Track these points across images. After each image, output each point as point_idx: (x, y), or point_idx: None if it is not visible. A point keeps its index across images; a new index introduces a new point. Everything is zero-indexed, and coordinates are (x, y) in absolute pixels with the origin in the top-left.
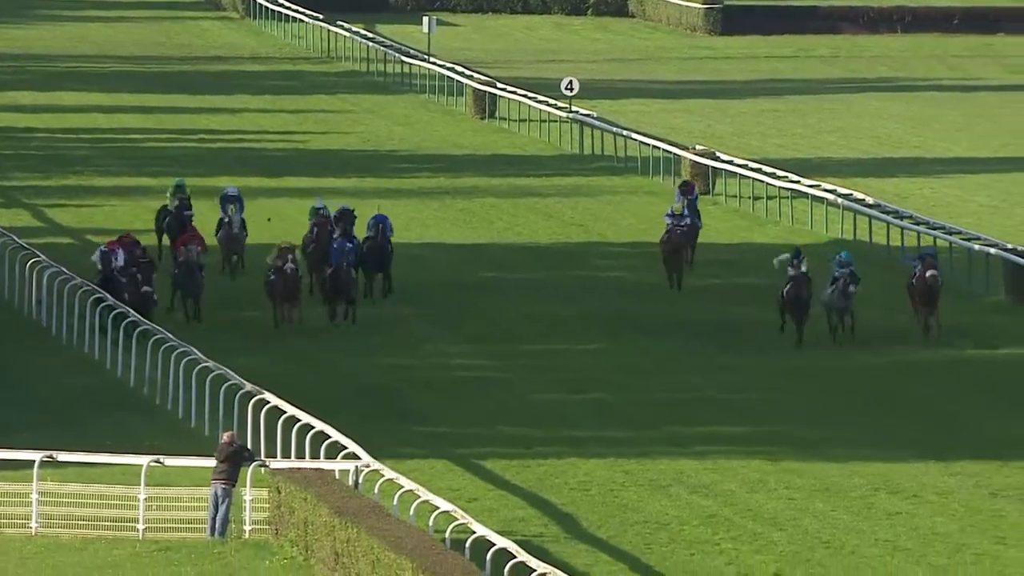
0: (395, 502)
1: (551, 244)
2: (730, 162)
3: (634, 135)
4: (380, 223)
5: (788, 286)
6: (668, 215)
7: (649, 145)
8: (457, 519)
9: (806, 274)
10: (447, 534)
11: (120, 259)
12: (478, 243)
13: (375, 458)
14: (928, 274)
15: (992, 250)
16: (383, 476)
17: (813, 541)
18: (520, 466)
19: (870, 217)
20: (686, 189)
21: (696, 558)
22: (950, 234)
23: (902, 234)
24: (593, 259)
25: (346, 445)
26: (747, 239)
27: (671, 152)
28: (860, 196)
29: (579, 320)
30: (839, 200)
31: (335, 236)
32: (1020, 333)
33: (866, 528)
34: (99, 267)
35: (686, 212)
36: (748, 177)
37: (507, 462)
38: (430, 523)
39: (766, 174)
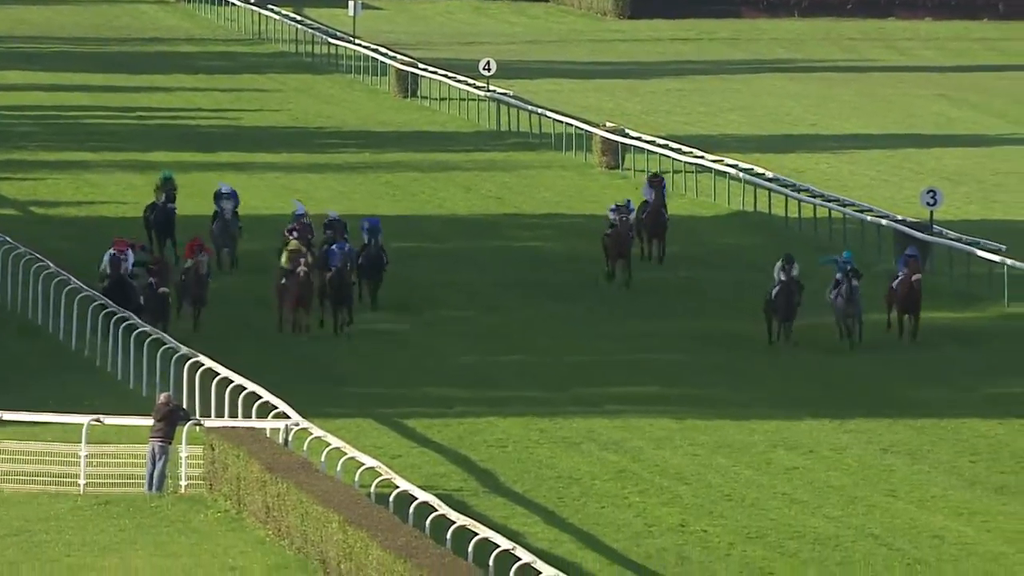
0: (323, 459)
1: (470, 215)
2: (638, 138)
3: (548, 113)
4: (374, 228)
5: (777, 289)
6: (611, 209)
7: (562, 122)
8: (381, 475)
9: (797, 280)
10: (372, 489)
11: (131, 260)
12: (401, 215)
13: (304, 417)
14: (914, 278)
15: (883, 221)
16: (312, 434)
17: (716, 494)
18: (442, 425)
19: (769, 190)
20: (655, 182)
21: (606, 511)
22: (844, 206)
23: (799, 207)
24: (510, 230)
25: (276, 405)
26: None
27: (583, 129)
28: (760, 170)
29: (497, 287)
30: (740, 174)
31: (332, 242)
32: None
33: (765, 482)
34: (107, 271)
35: (631, 206)
36: (655, 153)
37: (429, 421)
38: (356, 478)
39: (672, 150)
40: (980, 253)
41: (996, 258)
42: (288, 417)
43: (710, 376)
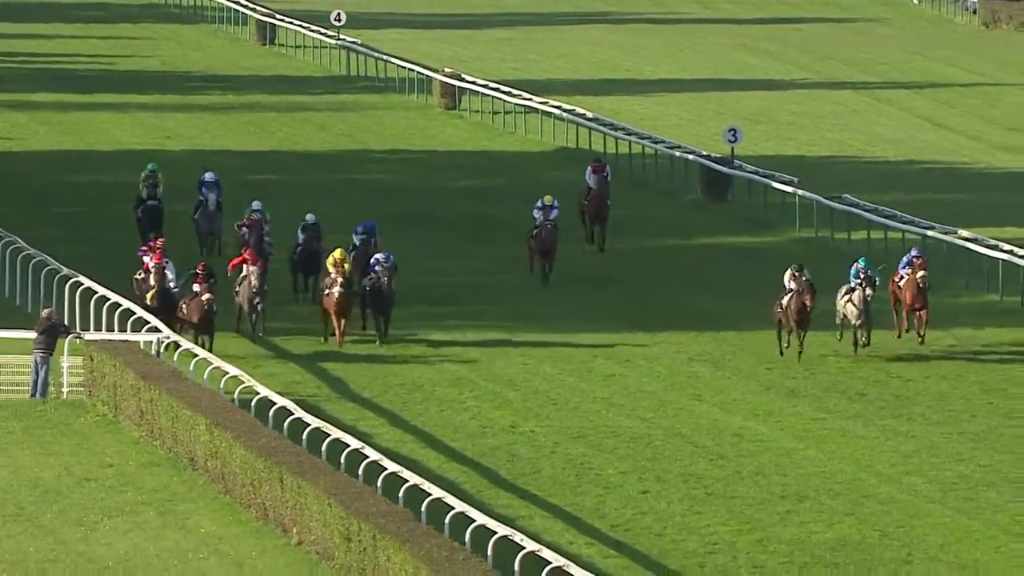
0: (191, 368)
1: (324, 151)
2: (473, 82)
3: (392, 59)
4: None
5: (790, 297)
6: (537, 208)
7: (405, 68)
8: (244, 382)
9: (811, 283)
10: (236, 395)
11: (172, 271)
12: (261, 151)
13: (175, 331)
14: (919, 276)
15: (691, 156)
16: (181, 347)
17: (542, 399)
18: (298, 339)
19: (590, 129)
20: (598, 168)
21: (445, 414)
22: (656, 143)
23: (616, 143)
24: (359, 164)
25: (149, 320)
26: (488, 147)
27: (424, 74)
28: (582, 111)
29: (348, 216)
30: (564, 114)
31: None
32: (712, 225)
33: (586, 388)
34: (152, 282)
35: (555, 205)
36: (489, 96)
37: (287, 336)
38: (221, 386)
39: (503, 92)
40: (775, 185)
41: (789, 189)
42: (160, 331)
43: (537, 295)
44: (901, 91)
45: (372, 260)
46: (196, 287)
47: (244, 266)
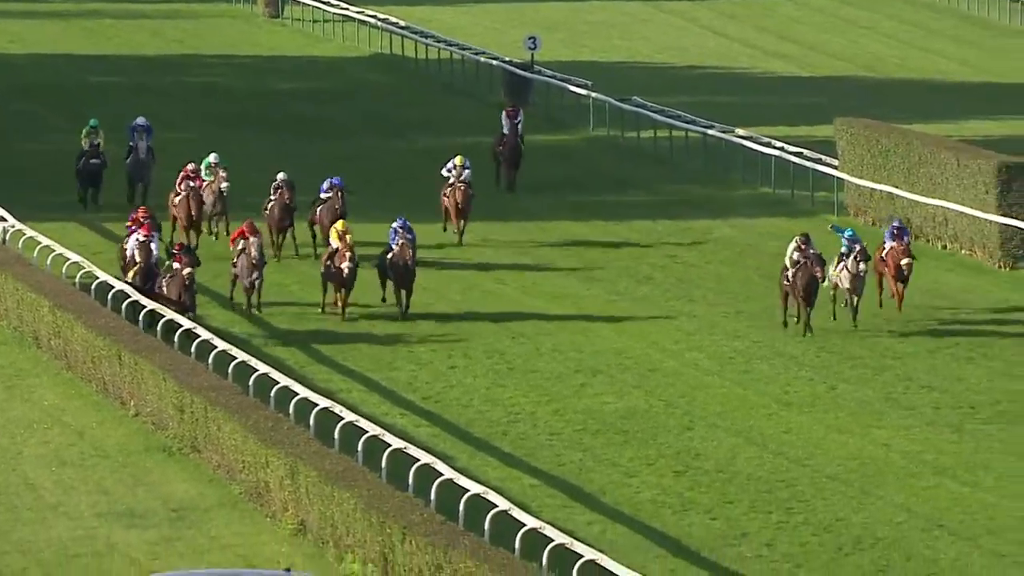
0: (35, 255)
1: (157, 55)
2: None
3: None
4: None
5: (797, 269)
6: (449, 168)
7: None
8: (84, 268)
9: (820, 255)
10: (77, 279)
11: (156, 246)
12: (100, 55)
13: (20, 220)
14: (904, 262)
15: (495, 62)
16: (25, 235)
17: (366, 287)
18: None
19: (403, 36)
20: (512, 113)
21: (271, 299)
22: (463, 50)
23: (427, 50)
24: (193, 68)
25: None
26: (310, 53)
27: None
28: (395, 20)
29: (179, 115)
30: (379, 23)
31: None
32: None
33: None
34: (137, 259)
35: (467, 165)
36: (309, 5)
37: (122, 223)
38: (63, 271)
39: (323, 2)
40: (571, 88)
41: (583, 92)
42: (5, 220)
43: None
44: (685, 3)
45: (392, 230)
46: (176, 264)
47: (241, 239)
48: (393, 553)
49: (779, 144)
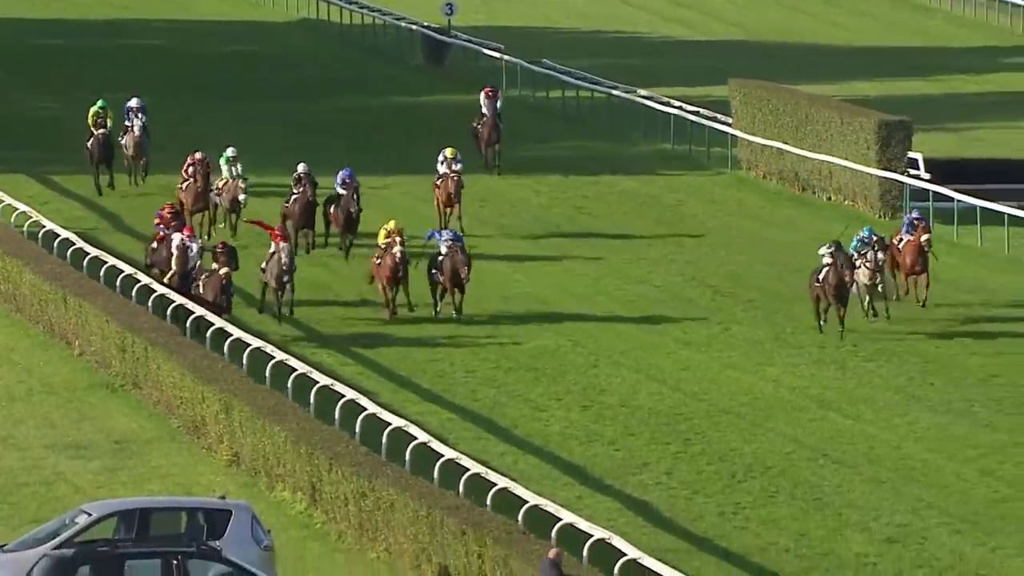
0: None
1: (104, 21)
2: None
3: None
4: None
5: (827, 270)
6: (441, 160)
7: None
8: (32, 217)
9: (851, 259)
10: (24, 228)
11: (196, 249)
12: (48, 19)
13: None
14: (923, 239)
15: (414, 27)
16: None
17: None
18: (80, 179)
19: (328, 2)
20: (491, 94)
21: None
22: (384, 15)
23: (351, 15)
24: (136, 32)
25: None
26: (243, 17)
27: None
28: None
29: (129, 80)
30: None
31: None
32: (433, 86)
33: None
34: (174, 266)
35: (458, 158)
36: None
37: (69, 176)
38: (11, 220)
39: None
40: (485, 51)
41: (497, 54)
42: None
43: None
44: None
45: (443, 237)
46: (214, 265)
47: (272, 243)
48: (321, 482)
49: (677, 103)
